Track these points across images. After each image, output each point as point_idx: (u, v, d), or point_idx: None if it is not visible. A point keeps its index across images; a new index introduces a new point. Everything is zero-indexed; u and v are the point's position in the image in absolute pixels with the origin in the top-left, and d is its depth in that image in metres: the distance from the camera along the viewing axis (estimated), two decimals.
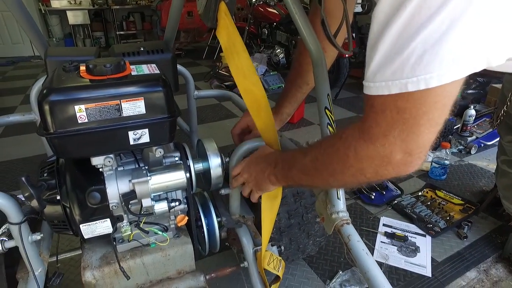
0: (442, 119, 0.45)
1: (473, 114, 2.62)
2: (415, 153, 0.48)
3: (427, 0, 0.37)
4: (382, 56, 0.43)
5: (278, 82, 4.05)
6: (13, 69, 5.39)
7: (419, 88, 0.41)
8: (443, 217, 1.79)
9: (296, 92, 1.04)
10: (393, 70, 0.42)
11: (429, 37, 0.38)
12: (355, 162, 0.54)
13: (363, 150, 0.51)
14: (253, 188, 0.85)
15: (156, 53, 1.05)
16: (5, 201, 0.79)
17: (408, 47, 0.40)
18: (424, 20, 0.38)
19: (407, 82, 0.41)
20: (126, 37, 7.17)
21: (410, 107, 0.44)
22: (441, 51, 0.38)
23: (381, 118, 0.47)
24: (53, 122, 0.72)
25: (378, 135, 0.48)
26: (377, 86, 0.45)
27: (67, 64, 0.82)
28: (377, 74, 0.44)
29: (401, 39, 0.40)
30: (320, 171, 0.63)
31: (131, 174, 0.86)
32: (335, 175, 0.60)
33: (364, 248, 0.71)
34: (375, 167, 0.52)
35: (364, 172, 0.54)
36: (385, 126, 0.47)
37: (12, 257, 1.03)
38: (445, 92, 0.42)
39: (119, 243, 0.99)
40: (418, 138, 0.46)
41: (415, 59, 0.40)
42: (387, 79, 0.43)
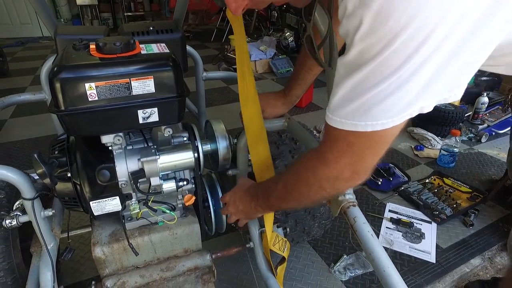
0: (383, 150, 0.57)
1: (486, 101, 2.56)
2: (361, 172, 0.60)
3: (380, 68, 0.46)
4: (340, 98, 0.53)
5: (287, 66, 4.00)
6: (22, 49, 5.40)
7: (366, 130, 0.52)
8: (450, 204, 1.78)
9: (306, 74, 1.03)
10: (347, 112, 0.52)
11: (377, 95, 0.48)
12: (315, 181, 0.66)
13: (320, 171, 0.64)
14: (241, 218, 0.96)
15: (166, 32, 1.04)
16: (19, 177, 0.81)
17: (361, 99, 0.49)
18: (375, 82, 0.47)
19: (357, 124, 0.52)
20: (134, 19, 7.11)
21: (358, 142, 0.55)
22: (386, 106, 0.49)
23: (334, 147, 0.59)
24: (64, 99, 0.72)
25: (331, 160, 0.60)
26: (334, 119, 0.54)
27: (77, 42, 0.82)
28: (335, 110, 0.54)
29: (357, 90, 0.50)
30: (291, 194, 0.73)
31: (140, 153, 0.87)
32: (303, 195, 0.71)
33: (370, 230, 0.71)
34: (332, 183, 0.64)
35: (324, 188, 0.66)
36: (337, 154, 0.59)
37: (26, 232, 1.06)
38: (386, 133, 0.52)
39: (128, 221, 1.01)
40: (363, 164, 0.59)
41: (365, 109, 0.50)
42: (342, 117, 0.53)
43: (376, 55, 0.45)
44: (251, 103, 0.97)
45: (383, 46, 0.44)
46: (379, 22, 0.43)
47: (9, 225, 0.88)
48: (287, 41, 4.44)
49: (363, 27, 0.45)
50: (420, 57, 0.44)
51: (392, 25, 0.43)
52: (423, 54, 0.44)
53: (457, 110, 2.40)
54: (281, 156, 1.20)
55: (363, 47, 0.46)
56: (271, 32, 4.98)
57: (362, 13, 0.44)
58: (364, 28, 0.45)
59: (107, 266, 1.00)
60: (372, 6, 0.43)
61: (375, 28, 0.44)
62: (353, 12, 0.46)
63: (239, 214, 0.94)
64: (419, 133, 2.44)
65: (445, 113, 2.37)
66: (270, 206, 0.86)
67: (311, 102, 3.17)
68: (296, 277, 1.37)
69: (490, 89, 3.12)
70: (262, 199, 0.84)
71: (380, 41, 0.44)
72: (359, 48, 0.47)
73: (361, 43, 0.46)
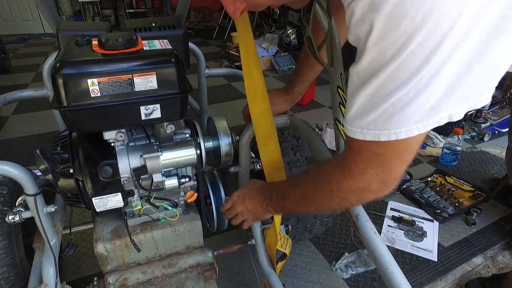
0: (410, 158, 0.54)
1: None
2: (389, 183, 0.58)
3: (398, 72, 0.44)
4: (359, 108, 0.50)
5: (289, 63, 3.99)
6: (24, 46, 5.40)
7: (389, 139, 0.49)
8: (452, 203, 1.78)
9: (308, 71, 1.02)
10: (368, 122, 0.50)
11: (398, 102, 0.45)
12: (338, 194, 0.63)
13: (344, 184, 0.61)
14: (249, 219, 0.94)
15: (168, 29, 1.04)
16: (21, 173, 0.81)
17: (380, 107, 0.47)
18: (394, 88, 0.45)
19: (380, 133, 0.49)
20: (136, 15, 7.10)
21: (383, 152, 0.53)
22: (408, 113, 0.46)
23: (358, 159, 0.56)
24: (66, 95, 0.72)
25: (356, 172, 0.58)
26: (354, 130, 0.52)
27: (79, 38, 0.82)
28: (354, 121, 0.52)
29: (375, 98, 0.47)
30: (311, 202, 0.71)
31: (142, 149, 0.86)
32: (324, 205, 0.70)
33: (372, 228, 0.71)
34: (357, 196, 0.62)
35: (348, 199, 0.64)
36: (362, 165, 0.56)
37: (28, 228, 1.06)
38: (412, 140, 0.50)
39: (130, 217, 1.01)
40: (390, 173, 0.56)
41: (386, 117, 0.47)
42: (362, 128, 0.51)
43: (392, 59, 0.43)
44: (259, 100, 0.94)
45: (398, 49, 0.42)
46: (392, 24, 0.41)
47: (12, 220, 0.88)
48: (289, 39, 4.42)
49: (375, 31, 0.43)
50: (439, 57, 0.41)
51: (406, 26, 0.40)
52: (442, 55, 0.41)
53: None
54: (283, 153, 1.20)
55: (376, 52, 0.44)
56: (273, 29, 4.96)
57: (372, 17, 0.42)
58: (376, 32, 0.43)
59: (109, 262, 1.00)
60: (383, 9, 0.41)
61: (388, 31, 0.42)
62: (362, 17, 0.44)
63: (247, 214, 0.92)
64: None
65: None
66: (283, 208, 0.84)
67: (313, 99, 3.16)
68: (297, 274, 1.37)
69: None
70: (277, 200, 0.82)
71: (394, 44, 0.42)
72: (372, 54, 0.45)
73: (374, 49, 0.44)
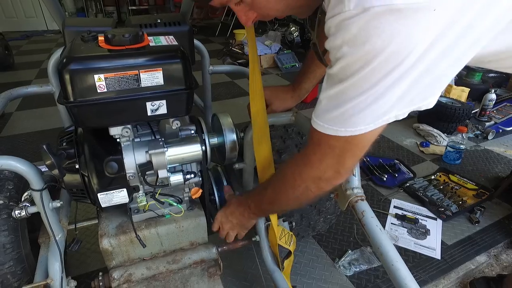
0: (362, 153, 0.63)
1: (493, 98, 2.53)
2: (342, 172, 0.67)
3: (359, 83, 0.52)
4: (324, 105, 0.59)
5: (292, 61, 3.98)
6: (27, 43, 5.41)
7: (346, 135, 0.58)
8: (456, 201, 1.77)
9: (316, 68, 1.02)
10: (330, 118, 0.58)
11: (357, 105, 0.54)
12: (301, 182, 0.72)
13: (305, 172, 0.70)
14: (239, 231, 1.01)
15: (173, 25, 1.03)
16: (28, 168, 0.82)
17: (342, 107, 0.56)
18: (355, 94, 0.53)
19: (338, 130, 0.58)
20: (139, 13, 7.09)
21: (339, 145, 0.62)
22: (365, 115, 0.55)
23: (317, 149, 0.66)
24: (73, 91, 0.72)
25: (314, 161, 0.67)
26: (318, 123, 0.61)
27: (85, 34, 0.82)
28: (320, 115, 0.60)
29: (339, 99, 0.56)
30: (280, 197, 0.79)
31: (147, 145, 0.87)
32: (290, 197, 0.77)
33: (378, 224, 0.71)
34: (316, 183, 0.70)
35: (309, 188, 0.72)
36: (320, 155, 0.66)
37: (33, 223, 1.07)
38: (365, 137, 0.59)
39: (135, 213, 1.01)
40: (343, 164, 0.65)
41: (346, 117, 0.56)
42: (325, 122, 0.59)
43: (356, 71, 0.51)
44: (258, 98, 0.98)
45: (362, 65, 0.50)
46: (358, 45, 0.49)
47: (18, 215, 0.89)
48: (292, 36, 4.41)
49: (344, 47, 0.50)
50: (395, 75, 0.49)
51: (369, 49, 0.48)
52: (398, 73, 0.49)
53: (464, 106, 2.38)
54: (287, 150, 1.20)
55: (344, 63, 0.52)
56: (276, 27, 4.95)
57: (343, 35, 0.50)
58: (345, 48, 0.50)
59: (114, 257, 1.01)
60: (351, 31, 0.48)
61: (354, 50, 0.50)
62: (335, 34, 0.51)
63: (235, 227, 1.00)
64: (425, 130, 2.42)
65: (452, 109, 2.35)
66: (263, 211, 0.93)
67: (317, 97, 3.15)
68: (301, 271, 1.37)
69: (498, 85, 3.09)
70: (255, 206, 0.90)
71: (359, 60, 0.50)
72: (341, 64, 0.53)
73: (343, 61, 0.52)
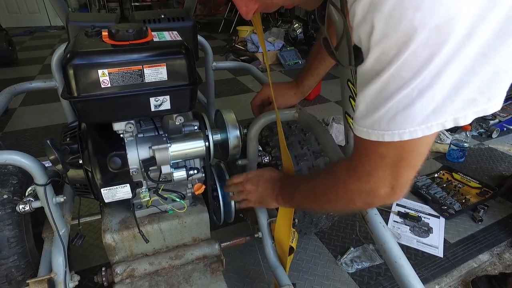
0: (419, 163, 0.53)
1: None
2: (397, 189, 0.56)
3: (400, 72, 0.44)
4: (364, 107, 0.50)
5: (295, 57, 3.97)
6: (31, 39, 5.41)
7: (393, 140, 0.48)
8: (459, 199, 1.77)
9: (319, 65, 1.02)
10: (372, 121, 0.49)
11: (401, 101, 0.45)
12: (345, 194, 0.63)
13: (351, 184, 0.61)
14: (252, 200, 0.93)
15: (177, 20, 1.03)
16: (32, 163, 0.82)
17: (384, 107, 0.47)
18: (397, 87, 0.45)
19: (384, 133, 0.49)
20: (142, 9, 7.08)
21: (390, 154, 0.52)
22: (411, 114, 0.45)
23: (365, 161, 0.56)
24: (77, 86, 0.72)
25: (363, 174, 0.57)
26: (360, 130, 0.52)
27: (89, 29, 0.82)
28: (360, 120, 0.52)
29: (379, 97, 0.47)
30: (318, 198, 0.73)
31: (151, 141, 0.87)
32: (330, 203, 0.70)
33: (381, 221, 0.71)
34: (363, 198, 0.61)
35: (354, 202, 0.63)
36: (369, 168, 0.56)
37: (37, 218, 1.08)
38: (419, 143, 0.49)
39: (138, 208, 1.02)
40: (398, 178, 0.54)
41: (390, 117, 0.47)
42: (368, 127, 0.50)
43: (394, 58, 0.43)
44: None
45: (400, 49, 0.42)
46: (392, 24, 0.41)
47: (22, 210, 0.89)
48: (296, 33, 4.39)
49: (376, 31, 0.43)
50: (442, 58, 0.41)
51: (406, 26, 0.40)
52: (445, 55, 0.40)
53: None
54: (290, 147, 1.20)
55: (379, 52, 0.44)
56: (279, 23, 4.93)
57: (373, 17, 0.42)
58: (377, 32, 0.43)
59: (117, 253, 1.01)
60: (382, 9, 0.41)
61: (388, 31, 0.42)
62: (364, 18, 0.44)
63: (254, 194, 0.92)
64: None
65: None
66: (291, 200, 0.85)
67: (319, 94, 3.15)
68: (303, 268, 1.38)
69: None
70: (287, 190, 0.84)
71: (396, 44, 0.42)
72: (376, 54, 0.45)
73: (377, 48, 0.44)
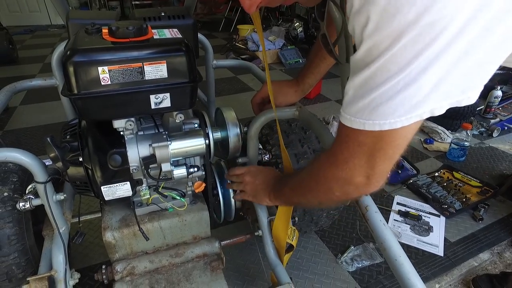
0: (396, 155, 0.54)
1: (499, 95, 2.51)
2: (373, 178, 0.58)
3: (388, 65, 0.45)
4: (351, 96, 0.52)
5: (296, 56, 3.96)
6: (31, 37, 5.41)
7: (374, 129, 0.50)
8: (459, 198, 1.76)
9: (320, 63, 1.01)
10: (356, 109, 0.51)
11: (385, 93, 0.46)
12: (324, 181, 0.65)
13: (329, 171, 0.63)
14: (248, 192, 0.95)
15: (177, 18, 1.03)
16: (32, 161, 0.82)
17: (368, 96, 0.48)
18: (383, 79, 0.46)
19: (365, 122, 0.50)
20: (142, 7, 7.07)
21: (368, 142, 0.53)
22: (394, 105, 0.47)
23: (344, 147, 0.58)
24: (77, 83, 0.72)
25: (341, 161, 0.59)
26: (345, 117, 0.53)
27: (89, 26, 0.82)
28: (346, 107, 0.53)
29: (365, 87, 0.48)
30: (302, 188, 0.75)
31: (151, 139, 0.87)
32: (311, 192, 0.71)
33: (382, 219, 0.71)
34: (340, 186, 0.63)
35: (333, 190, 0.65)
36: (347, 155, 0.58)
37: (37, 216, 1.08)
38: (396, 134, 0.51)
39: (138, 206, 1.02)
40: (374, 167, 0.56)
41: (373, 107, 0.48)
42: (351, 115, 0.52)
43: (384, 51, 0.44)
44: None
45: (391, 43, 0.43)
46: (386, 18, 0.42)
47: (22, 208, 0.89)
48: (296, 32, 4.38)
49: (370, 24, 0.44)
50: (430, 55, 0.42)
51: (400, 21, 0.41)
52: (433, 52, 0.42)
53: None
54: (290, 145, 1.19)
55: (371, 44, 0.45)
56: (280, 22, 4.92)
57: (368, 9, 0.43)
58: (371, 25, 0.44)
59: (117, 250, 1.01)
60: (379, 2, 0.42)
61: (382, 25, 0.43)
62: (360, 9, 0.45)
63: (250, 186, 0.94)
64: (429, 126, 2.41)
65: (456, 106, 2.32)
66: (281, 196, 0.88)
67: (320, 93, 3.14)
68: (303, 267, 1.37)
69: (504, 82, 3.06)
70: (279, 187, 0.86)
71: (388, 37, 0.43)
72: (367, 46, 0.46)
73: (369, 40, 0.45)
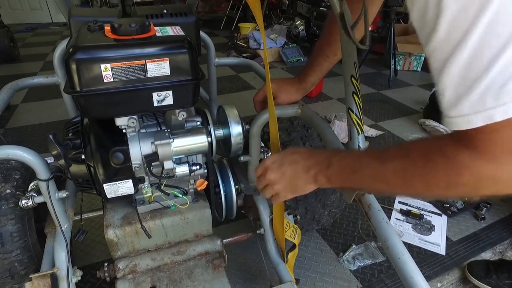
0: None
1: None
2: None
3: (495, 27, 0.35)
4: (453, 92, 0.40)
5: (297, 54, 3.96)
6: (32, 35, 5.41)
7: (508, 116, 0.37)
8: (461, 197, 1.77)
9: (323, 61, 1.00)
10: (472, 103, 0.39)
11: (506, 68, 0.36)
12: (472, 181, 0.47)
13: (484, 170, 0.45)
14: (282, 191, 0.74)
15: (180, 16, 1.03)
16: (34, 159, 0.82)
17: (484, 78, 0.37)
18: (497, 47, 0.35)
19: (493, 112, 0.38)
20: (143, 5, 7.06)
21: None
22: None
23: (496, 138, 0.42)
24: (79, 80, 0.72)
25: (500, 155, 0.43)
26: (456, 121, 0.42)
27: (91, 23, 0.82)
28: (452, 109, 0.42)
29: (473, 70, 0.38)
30: (412, 183, 0.55)
31: (153, 136, 0.86)
32: (434, 190, 0.53)
33: (385, 218, 0.70)
34: (494, 186, 0.46)
35: (478, 190, 0.48)
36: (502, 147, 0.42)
37: (39, 213, 1.08)
38: None
39: (140, 204, 1.02)
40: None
41: (497, 88, 0.37)
42: (466, 114, 0.40)
43: (478, 15, 0.35)
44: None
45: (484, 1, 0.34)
46: None
47: (25, 205, 0.89)
48: (298, 30, 4.37)
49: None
50: None
51: None
52: None
53: None
54: (292, 143, 1.19)
55: (456, 11, 0.37)
56: (282, 20, 4.91)
57: None
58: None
59: (119, 248, 1.01)
60: None
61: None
62: None
63: (282, 183, 0.73)
64: (431, 125, 2.40)
65: None
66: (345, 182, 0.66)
67: (321, 92, 3.14)
68: (304, 265, 1.38)
69: None
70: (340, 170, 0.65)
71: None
72: (448, 18, 0.37)
73: (447, 12, 0.37)
